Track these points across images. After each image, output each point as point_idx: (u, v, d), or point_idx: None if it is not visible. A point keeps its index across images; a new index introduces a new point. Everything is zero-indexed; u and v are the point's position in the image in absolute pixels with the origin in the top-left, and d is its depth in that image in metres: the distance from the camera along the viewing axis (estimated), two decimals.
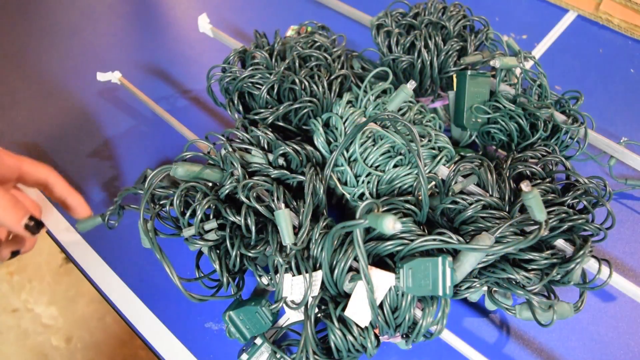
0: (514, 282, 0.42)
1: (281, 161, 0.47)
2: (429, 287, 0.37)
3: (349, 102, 0.51)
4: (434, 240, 0.39)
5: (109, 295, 0.51)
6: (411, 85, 0.47)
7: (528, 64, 0.65)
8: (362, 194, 0.48)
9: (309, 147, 0.48)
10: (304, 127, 0.53)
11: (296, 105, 0.50)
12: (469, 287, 0.43)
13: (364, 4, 0.71)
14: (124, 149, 0.62)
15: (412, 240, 0.40)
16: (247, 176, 0.45)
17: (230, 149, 0.46)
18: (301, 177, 0.47)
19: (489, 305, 0.46)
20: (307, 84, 0.50)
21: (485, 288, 0.44)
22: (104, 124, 0.64)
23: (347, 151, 0.48)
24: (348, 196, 0.48)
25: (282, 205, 0.42)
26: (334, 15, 0.75)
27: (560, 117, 0.50)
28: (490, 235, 0.40)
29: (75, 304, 1.31)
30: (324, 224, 0.43)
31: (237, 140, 0.48)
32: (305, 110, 0.51)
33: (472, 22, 0.58)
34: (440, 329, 0.39)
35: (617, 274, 0.44)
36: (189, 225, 0.44)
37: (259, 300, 0.44)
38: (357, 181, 0.47)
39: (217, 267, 0.43)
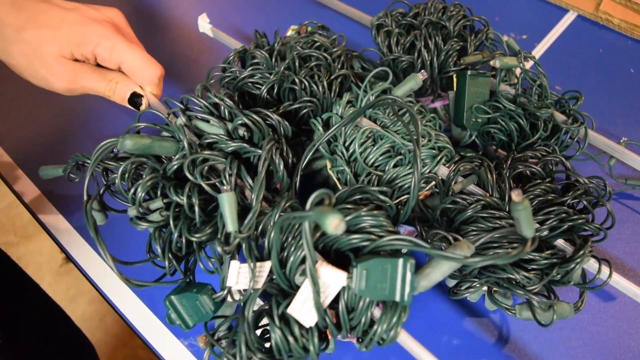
0: (514, 282, 0.42)
1: (242, 132, 0.42)
2: (386, 291, 0.33)
3: (349, 102, 0.51)
4: (403, 240, 0.35)
5: (109, 295, 0.51)
6: (422, 75, 0.47)
7: (528, 64, 0.65)
8: None
9: (276, 117, 0.43)
10: (304, 127, 0.53)
11: (296, 105, 0.50)
12: (469, 287, 0.43)
13: (364, 4, 0.71)
14: None
15: (380, 237, 0.35)
16: (197, 149, 0.40)
17: (185, 119, 0.41)
18: (259, 152, 0.42)
19: (489, 305, 0.46)
20: (307, 84, 0.50)
21: (485, 288, 0.44)
22: (104, 124, 0.64)
23: (347, 151, 0.48)
24: None
25: (227, 187, 0.36)
26: (334, 15, 0.75)
27: (560, 117, 0.50)
28: (470, 244, 0.36)
29: (76, 304, 1.31)
30: (287, 205, 0.38)
31: (196, 109, 0.43)
32: (305, 110, 0.51)
33: (472, 22, 0.58)
34: (393, 337, 0.34)
35: (617, 274, 0.44)
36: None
37: (203, 287, 0.39)
38: (357, 181, 0.47)
39: (159, 250, 0.39)
